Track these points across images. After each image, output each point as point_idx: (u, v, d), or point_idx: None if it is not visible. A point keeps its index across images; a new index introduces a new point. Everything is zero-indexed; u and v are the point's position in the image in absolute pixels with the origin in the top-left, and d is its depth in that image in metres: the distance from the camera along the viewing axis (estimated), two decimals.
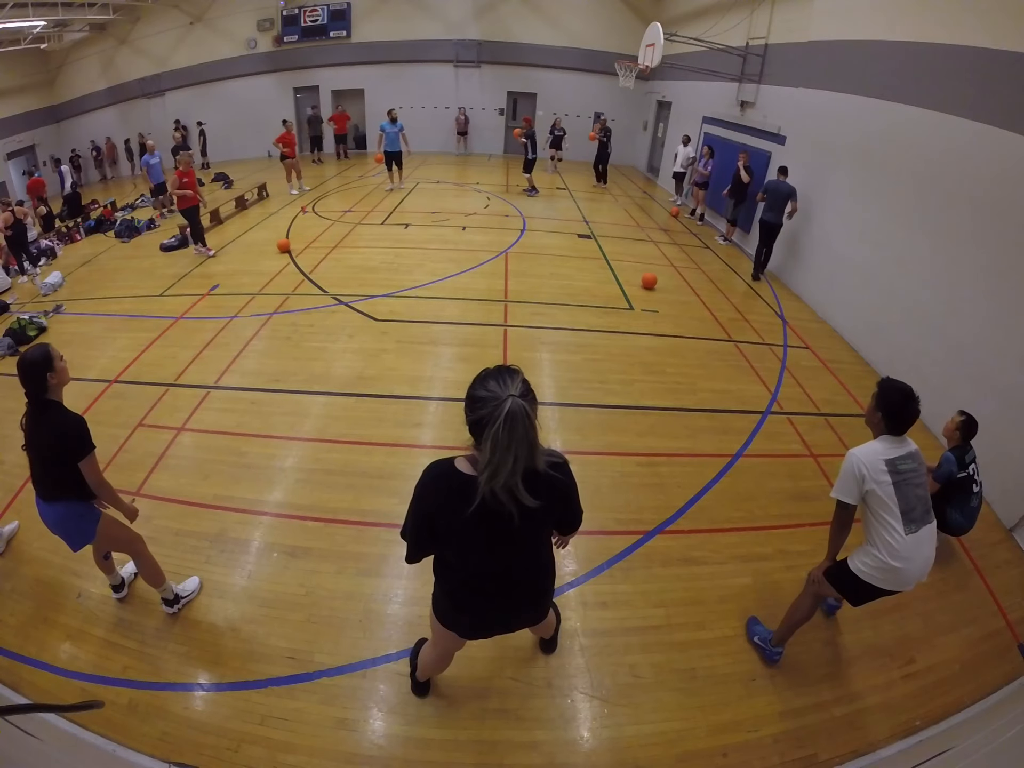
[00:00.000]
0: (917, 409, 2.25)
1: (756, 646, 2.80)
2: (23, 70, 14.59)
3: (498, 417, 1.42)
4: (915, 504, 2.23)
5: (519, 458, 1.47)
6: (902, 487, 2.20)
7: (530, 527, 1.63)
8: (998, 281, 4.11)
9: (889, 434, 2.28)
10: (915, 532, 2.22)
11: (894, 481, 2.19)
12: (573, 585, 3.07)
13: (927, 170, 4.94)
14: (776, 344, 5.89)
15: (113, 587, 2.90)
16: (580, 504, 1.80)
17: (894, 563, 2.22)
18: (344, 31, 14.98)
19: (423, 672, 2.44)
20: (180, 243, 8.09)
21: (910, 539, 2.21)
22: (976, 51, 4.40)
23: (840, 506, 2.32)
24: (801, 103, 7.35)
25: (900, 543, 2.20)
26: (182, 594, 2.84)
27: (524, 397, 1.49)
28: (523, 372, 1.56)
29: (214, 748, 2.29)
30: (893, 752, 2.43)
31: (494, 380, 1.49)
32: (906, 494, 2.21)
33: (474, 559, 1.72)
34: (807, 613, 2.63)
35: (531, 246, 8.31)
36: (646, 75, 11.36)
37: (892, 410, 2.25)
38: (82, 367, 4.99)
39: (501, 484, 1.46)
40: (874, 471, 2.19)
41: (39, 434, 2.33)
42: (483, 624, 1.95)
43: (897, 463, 2.21)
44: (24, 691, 2.47)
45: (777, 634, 2.72)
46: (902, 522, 2.20)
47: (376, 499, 3.56)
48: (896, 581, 2.29)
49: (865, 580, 2.31)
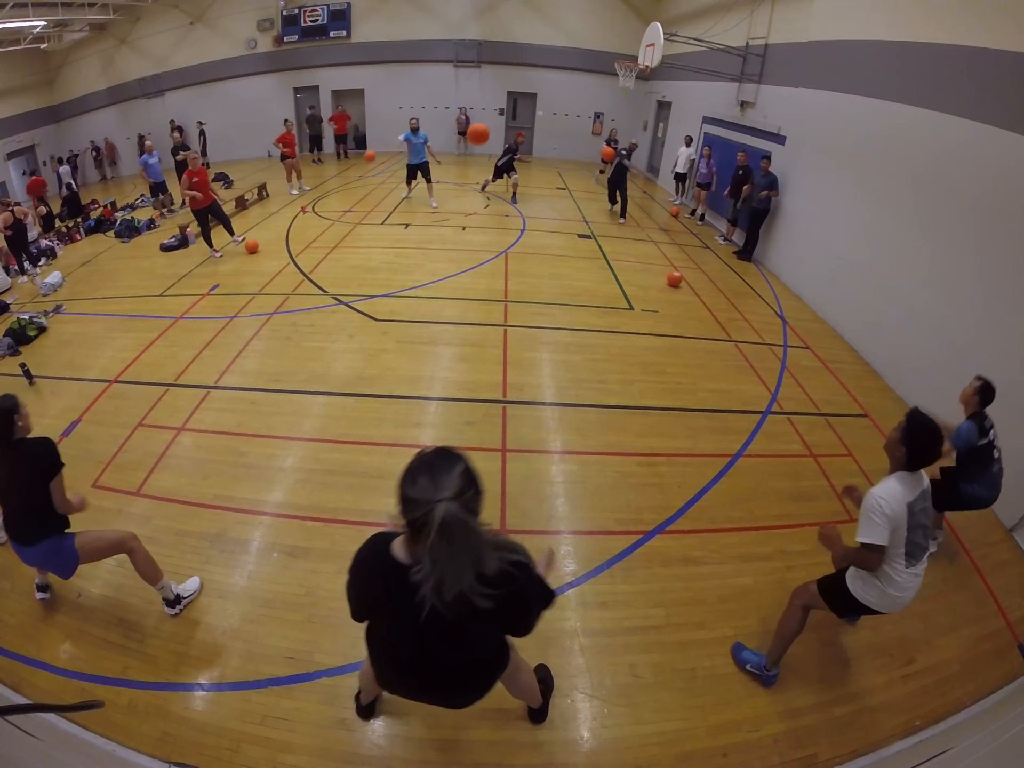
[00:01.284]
0: (941, 450, 2.22)
1: (750, 673, 2.69)
2: (23, 70, 14.57)
3: (431, 528, 1.23)
4: (920, 540, 2.24)
5: (464, 565, 1.28)
6: (913, 527, 2.20)
7: (477, 630, 1.49)
8: (998, 281, 4.11)
9: (908, 471, 2.24)
10: (914, 566, 2.26)
11: (910, 524, 2.19)
12: (573, 585, 3.07)
13: (927, 170, 4.94)
14: (776, 344, 5.89)
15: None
16: (536, 615, 1.61)
17: (893, 593, 2.27)
18: (344, 31, 14.97)
19: (365, 691, 2.29)
20: (180, 243, 8.09)
21: (910, 572, 2.25)
22: (976, 51, 4.39)
23: (870, 548, 2.21)
24: (801, 103, 7.35)
25: (901, 576, 2.24)
26: (183, 594, 2.84)
27: (461, 496, 1.28)
28: (465, 458, 1.38)
29: (214, 748, 2.29)
30: (893, 752, 2.43)
31: (425, 476, 1.30)
32: (914, 533, 2.21)
33: (403, 650, 1.54)
34: (798, 628, 2.58)
35: (531, 246, 8.31)
36: (646, 75, 11.35)
37: (918, 448, 2.19)
38: (82, 367, 5.00)
39: (450, 597, 1.29)
40: (897, 518, 2.16)
41: (14, 472, 2.39)
42: (409, 696, 1.76)
43: (914, 506, 2.19)
44: (24, 691, 2.47)
45: (771, 656, 2.65)
46: (904, 558, 2.23)
47: (376, 499, 3.55)
48: (890, 606, 2.33)
49: (861, 603, 2.35)
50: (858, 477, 4.05)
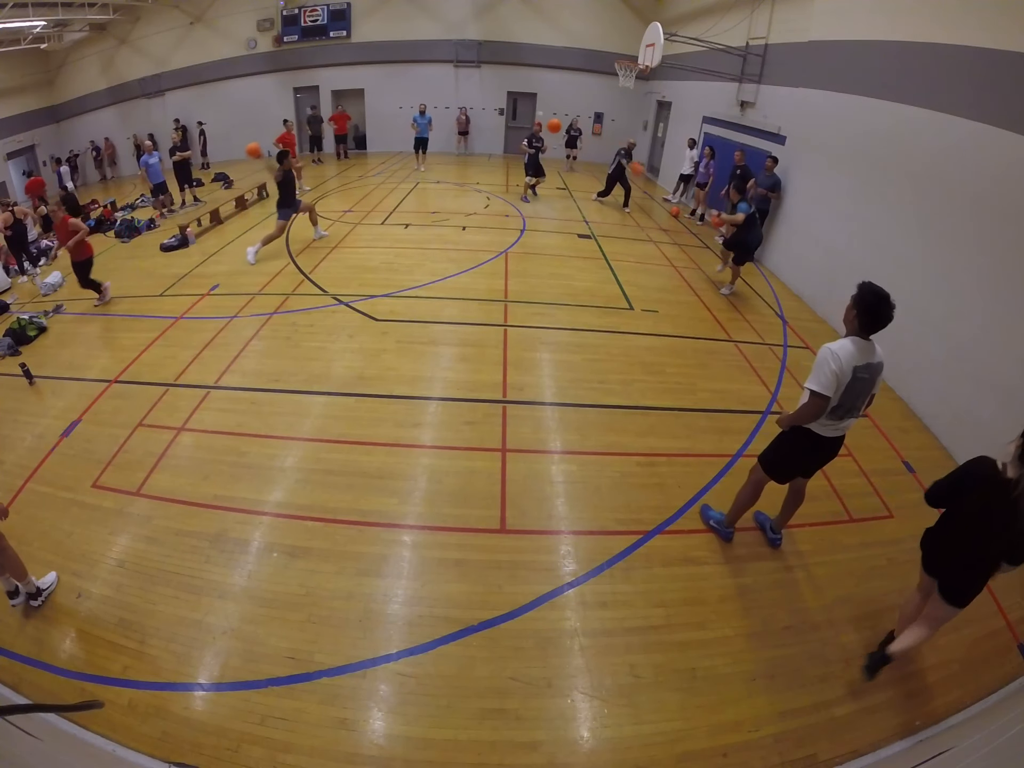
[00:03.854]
0: (891, 313, 2.50)
1: (712, 528, 3.37)
2: (23, 70, 14.57)
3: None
4: (855, 402, 2.58)
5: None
6: (851, 391, 2.52)
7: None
8: (998, 281, 4.11)
9: (860, 335, 2.54)
10: (840, 420, 2.63)
11: (849, 385, 2.51)
12: (573, 585, 3.07)
13: (927, 170, 4.94)
14: (776, 344, 5.88)
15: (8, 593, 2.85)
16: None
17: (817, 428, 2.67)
18: (344, 31, 14.97)
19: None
20: (180, 243, 8.08)
21: (830, 422, 2.62)
22: (976, 51, 4.39)
23: (818, 397, 2.53)
24: (801, 103, 7.35)
25: (823, 425, 2.63)
26: (43, 586, 2.87)
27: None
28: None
29: (214, 748, 2.29)
30: (893, 752, 2.43)
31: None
32: (849, 395, 2.53)
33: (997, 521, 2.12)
34: (751, 499, 3.17)
35: (531, 246, 8.31)
36: (646, 75, 11.36)
37: (868, 309, 2.50)
38: (82, 367, 5.00)
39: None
40: (843, 375, 2.48)
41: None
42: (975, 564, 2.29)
43: (858, 372, 2.51)
44: (24, 691, 2.47)
45: (728, 516, 3.29)
46: (832, 410, 2.55)
47: (376, 499, 3.56)
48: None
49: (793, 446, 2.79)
50: (858, 477, 4.05)
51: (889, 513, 3.77)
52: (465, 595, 2.96)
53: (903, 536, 3.58)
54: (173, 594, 2.92)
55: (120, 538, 3.26)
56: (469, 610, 2.88)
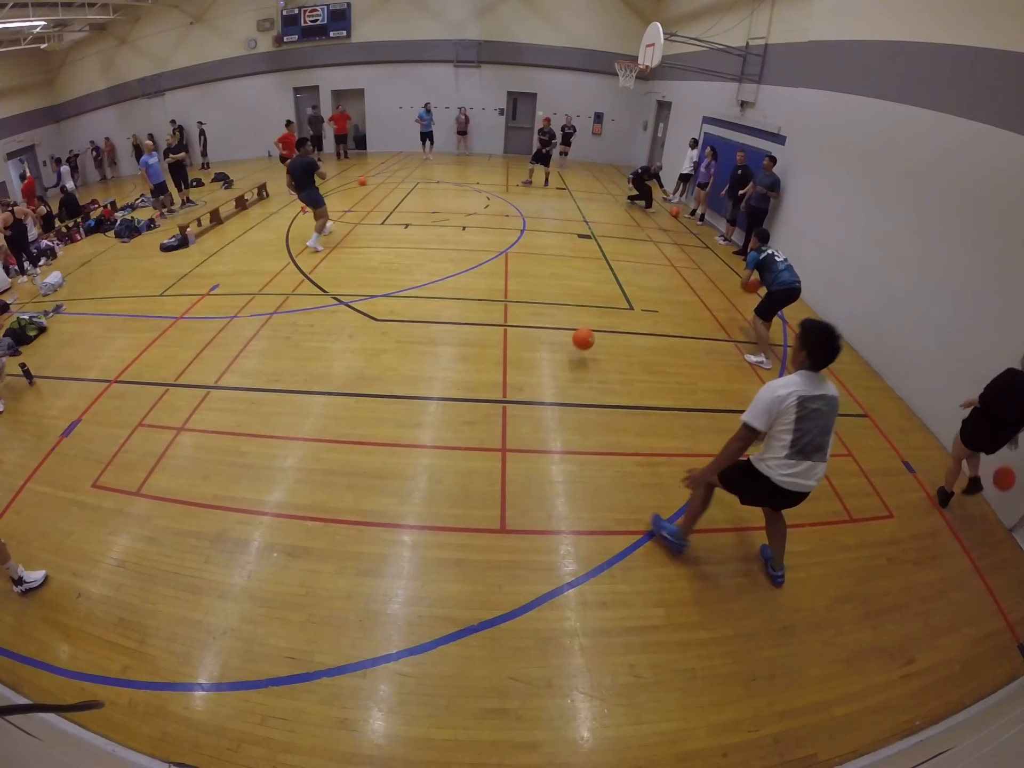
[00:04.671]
0: (838, 346, 2.51)
1: (665, 539, 3.22)
2: (23, 70, 14.58)
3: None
4: (815, 438, 2.54)
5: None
6: (803, 421, 2.50)
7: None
8: (998, 281, 4.11)
9: (810, 370, 2.54)
10: (804, 461, 2.55)
11: (798, 415, 2.49)
12: (573, 585, 3.07)
13: (927, 170, 4.94)
14: (776, 344, 5.88)
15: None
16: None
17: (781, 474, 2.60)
18: (344, 31, 14.97)
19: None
20: (180, 243, 8.08)
21: (798, 463, 2.56)
22: (976, 51, 4.39)
23: (748, 429, 2.59)
24: (801, 103, 7.35)
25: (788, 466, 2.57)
26: (26, 579, 2.89)
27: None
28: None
29: (214, 748, 2.29)
30: (893, 752, 2.43)
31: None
32: (803, 428, 2.51)
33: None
34: (701, 506, 3.04)
35: (531, 246, 8.31)
36: (646, 75, 11.36)
37: (820, 345, 2.51)
38: (82, 367, 5.00)
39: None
40: (785, 408, 2.49)
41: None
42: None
43: (808, 403, 2.50)
44: (24, 691, 2.47)
45: (683, 529, 3.15)
46: (790, 447, 2.53)
47: (376, 499, 3.56)
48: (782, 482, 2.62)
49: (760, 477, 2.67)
50: (858, 477, 4.05)
51: (889, 513, 3.77)
52: (465, 595, 2.96)
53: (903, 536, 3.59)
54: (173, 594, 2.92)
55: (120, 538, 3.26)
56: (469, 610, 2.88)
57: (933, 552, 3.51)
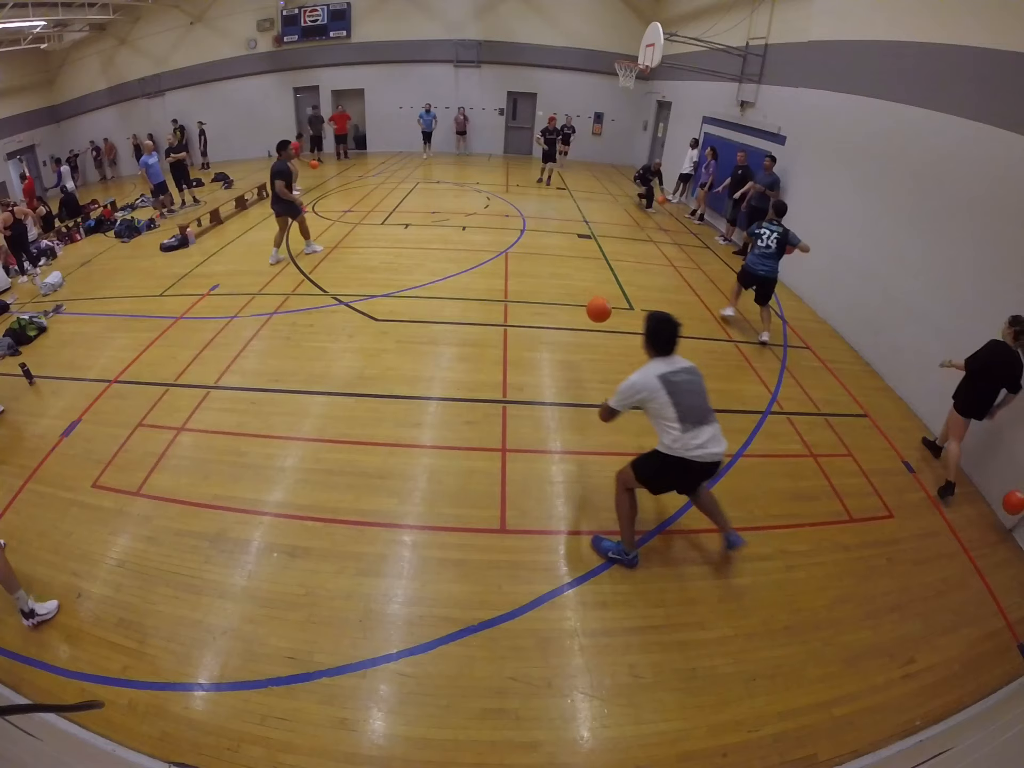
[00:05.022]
0: (675, 331, 2.80)
1: (613, 560, 3.14)
2: (23, 70, 14.58)
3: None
4: (694, 403, 2.77)
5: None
6: (676, 395, 2.71)
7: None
8: (998, 281, 4.11)
9: (659, 356, 2.82)
10: (694, 429, 2.71)
11: (668, 391, 2.70)
12: (573, 585, 3.06)
13: (927, 170, 4.94)
14: (776, 344, 5.88)
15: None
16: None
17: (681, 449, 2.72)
18: (344, 31, 14.97)
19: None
20: (180, 243, 8.08)
21: (689, 435, 2.71)
22: (976, 51, 4.39)
23: (607, 408, 2.95)
24: (801, 103, 7.35)
25: (682, 440, 2.71)
26: (39, 611, 2.75)
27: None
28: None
29: (214, 748, 2.29)
30: (893, 752, 2.43)
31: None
32: (679, 399, 2.71)
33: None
34: (630, 508, 3.05)
35: (531, 246, 8.31)
36: (646, 75, 11.36)
37: (653, 334, 2.82)
38: (82, 367, 5.00)
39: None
40: (650, 389, 2.72)
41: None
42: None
43: (670, 377, 2.73)
44: (24, 691, 2.47)
45: (624, 541, 3.11)
46: (679, 422, 2.71)
47: (376, 499, 3.56)
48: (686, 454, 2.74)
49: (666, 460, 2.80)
50: (858, 477, 4.05)
51: (889, 513, 3.77)
52: (465, 595, 2.96)
53: (903, 536, 3.59)
54: (173, 594, 2.92)
55: (120, 538, 3.26)
56: (469, 610, 2.88)
57: (933, 552, 3.51)
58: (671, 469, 2.82)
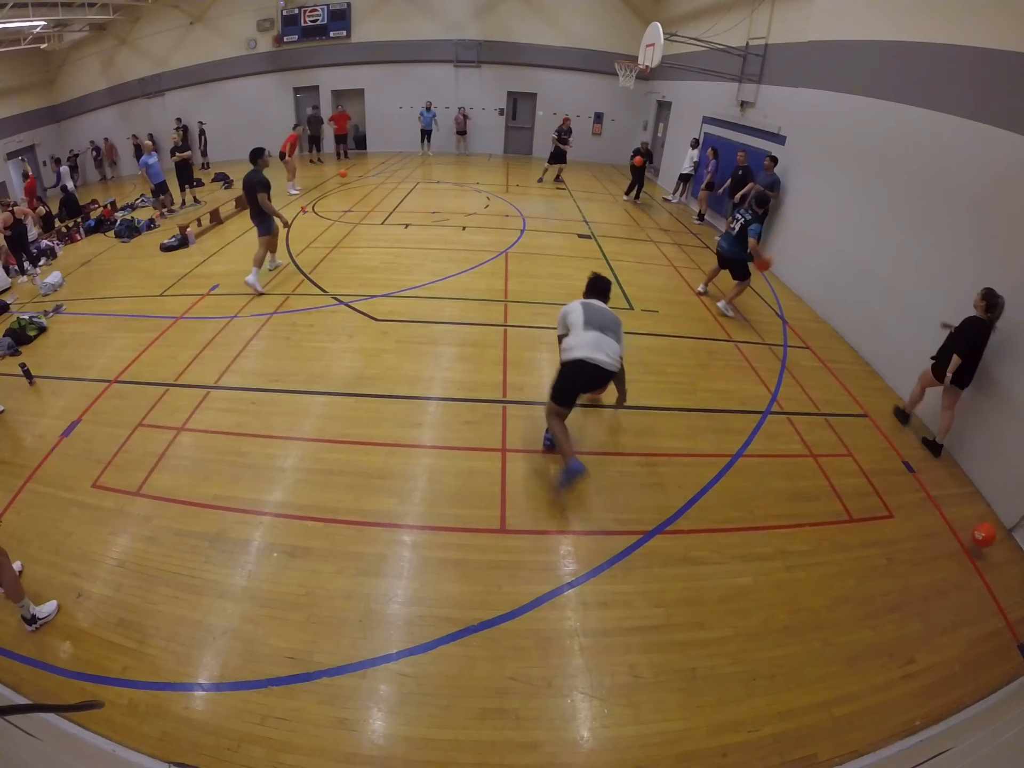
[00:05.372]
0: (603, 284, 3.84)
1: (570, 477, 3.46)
2: (23, 70, 14.58)
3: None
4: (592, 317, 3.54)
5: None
6: (587, 312, 3.56)
7: None
8: (997, 281, 4.09)
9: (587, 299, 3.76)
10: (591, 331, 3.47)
11: (584, 311, 3.57)
12: (573, 585, 3.07)
13: (927, 170, 4.94)
14: (776, 344, 5.88)
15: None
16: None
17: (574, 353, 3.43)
18: (344, 31, 14.97)
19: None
20: (180, 243, 8.08)
21: (586, 334, 3.45)
22: (976, 51, 4.39)
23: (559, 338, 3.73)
24: (801, 103, 7.35)
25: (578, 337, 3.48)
26: (39, 615, 2.74)
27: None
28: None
29: (214, 748, 2.29)
30: (893, 752, 2.43)
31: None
32: (588, 314, 3.55)
33: None
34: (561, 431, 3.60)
35: (531, 246, 8.31)
36: (646, 75, 11.34)
37: (589, 285, 3.85)
38: (82, 367, 5.00)
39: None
40: (573, 309, 3.64)
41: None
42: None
43: (587, 306, 3.64)
44: (24, 691, 2.47)
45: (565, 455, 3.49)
46: (584, 326, 3.49)
47: (376, 499, 3.56)
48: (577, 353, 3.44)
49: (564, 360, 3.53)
50: (858, 477, 4.05)
51: (889, 513, 3.77)
52: (465, 595, 2.96)
53: (903, 536, 3.60)
54: (173, 594, 2.92)
55: (120, 538, 3.26)
56: (469, 610, 2.88)
57: (933, 552, 3.51)
58: (566, 373, 3.50)
